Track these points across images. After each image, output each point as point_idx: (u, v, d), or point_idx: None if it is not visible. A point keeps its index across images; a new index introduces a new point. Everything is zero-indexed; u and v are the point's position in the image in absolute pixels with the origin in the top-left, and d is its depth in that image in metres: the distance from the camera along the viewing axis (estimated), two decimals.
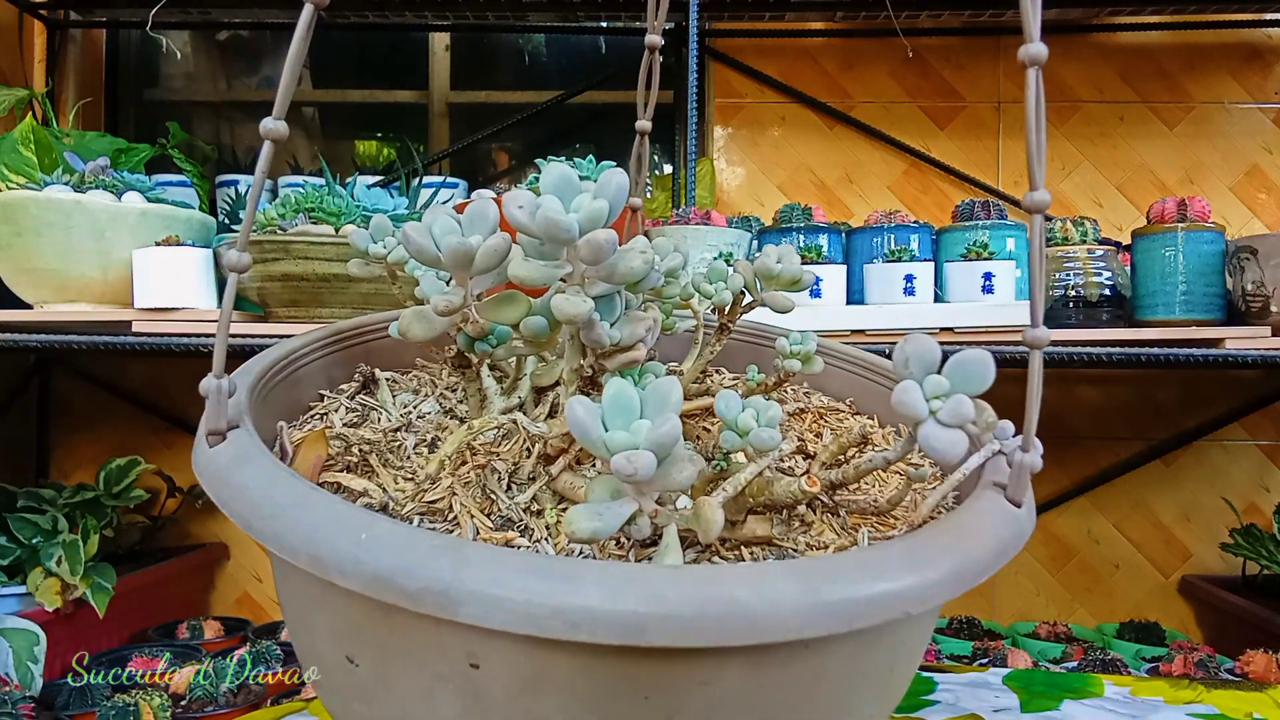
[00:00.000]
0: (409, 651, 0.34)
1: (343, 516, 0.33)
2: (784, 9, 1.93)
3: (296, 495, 0.34)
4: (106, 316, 1.39)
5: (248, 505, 0.35)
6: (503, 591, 0.30)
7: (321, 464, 0.44)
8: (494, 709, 0.33)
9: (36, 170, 1.49)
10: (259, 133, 0.37)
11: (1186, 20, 1.99)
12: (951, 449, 0.35)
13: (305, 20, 0.37)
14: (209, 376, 0.39)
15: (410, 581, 0.31)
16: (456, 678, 0.33)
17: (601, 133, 2.25)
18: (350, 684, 0.37)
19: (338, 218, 1.32)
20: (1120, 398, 1.99)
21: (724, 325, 0.57)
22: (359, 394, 0.53)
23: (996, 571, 0.36)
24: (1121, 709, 0.75)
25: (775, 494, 0.40)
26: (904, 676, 0.41)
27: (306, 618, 0.39)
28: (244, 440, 0.38)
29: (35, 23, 2.01)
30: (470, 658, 0.33)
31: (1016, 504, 0.38)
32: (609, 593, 0.30)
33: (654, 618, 0.29)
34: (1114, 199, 2.03)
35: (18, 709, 1.21)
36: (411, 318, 0.45)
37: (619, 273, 0.41)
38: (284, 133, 0.38)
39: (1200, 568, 1.98)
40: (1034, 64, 0.34)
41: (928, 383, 0.37)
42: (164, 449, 2.02)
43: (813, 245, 1.50)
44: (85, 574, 1.48)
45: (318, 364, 0.53)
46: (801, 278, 0.53)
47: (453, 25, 2.13)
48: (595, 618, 0.29)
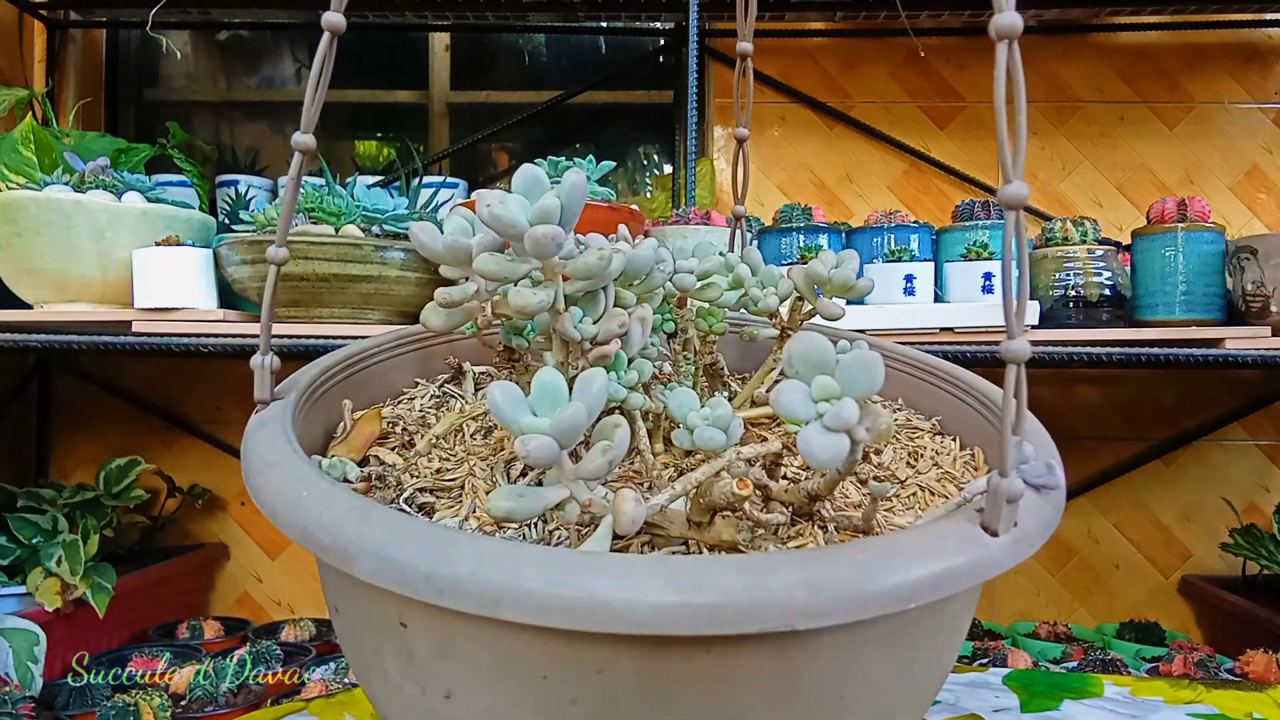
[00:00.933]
0: (359, 603, 0.38)
1: (297, 476, 0.38)
2: (784, 9, 1.93)
3: (276, 455, 0.40)
4: (106, 316, 1.39)
5: (247, 460, 0.41)
6: (390, 553, 0.32)
7: (374, 439, 0.49)
8: (421, 668, 0.36)
9: (36, 170, 1.49)
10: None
11: (1186, 20, 1.99)
12: (828, 454, 0.34)
13: (325, 46, 0.42)
14: (256, 355, 0.46)
15: (324, 536, 0.34)
16: (393, 635, 0.36)
17: (601, 133, 2.25)
18: (340, 630, 0.42)
19: (338, 218, 1.32)
20: (1120, 398, 1.99)
21: (785, 331, 0.56)
22: (447, 384, 0.58)
23: (963, 589, 0.32)
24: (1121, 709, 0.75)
25: (713, 495, 0.39)
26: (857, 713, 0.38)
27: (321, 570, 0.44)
28: (275, 409, 0.44)
29: (35, 23, 2.01)
30: (400, 617, 0.35)
31: (993, 532, 0.35)
32: (473, 564, 0.31)
33: (510, 591, 0.30)
34: (1114, 199, 2.03)
35: (18, 709, 1.21)
36: (430, 311, 0.48)
37: (578, 269, 0.43)
38: (312, 145, 0.44)
39: (1200, 568, 1.98)
40: (1005, 38, 0.30)
41: (815, 384, 0.35)
42: (164, 449, 2.02)
43: (812, 245, 1.50)
44: (85, 574, 1.48)
45: (387, 364, 0.58)
46: (856, 285, 0.51)
47: (453, 25, 2.13)
48: (458, 586, 0.30)
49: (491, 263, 0.43)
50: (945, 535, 0.34)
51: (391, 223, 1.37)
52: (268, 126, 2.26)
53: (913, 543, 0.33)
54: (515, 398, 0.36)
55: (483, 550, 0.31)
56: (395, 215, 1.37)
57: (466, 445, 0.49)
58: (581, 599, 0.30)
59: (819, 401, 0.35)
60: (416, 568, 0.31)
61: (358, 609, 0.38)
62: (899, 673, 0.37)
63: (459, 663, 0.34)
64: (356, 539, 0.33)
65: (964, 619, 0.41)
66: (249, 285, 1.34)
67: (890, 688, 0.37)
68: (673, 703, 0.33)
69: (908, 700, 0.39)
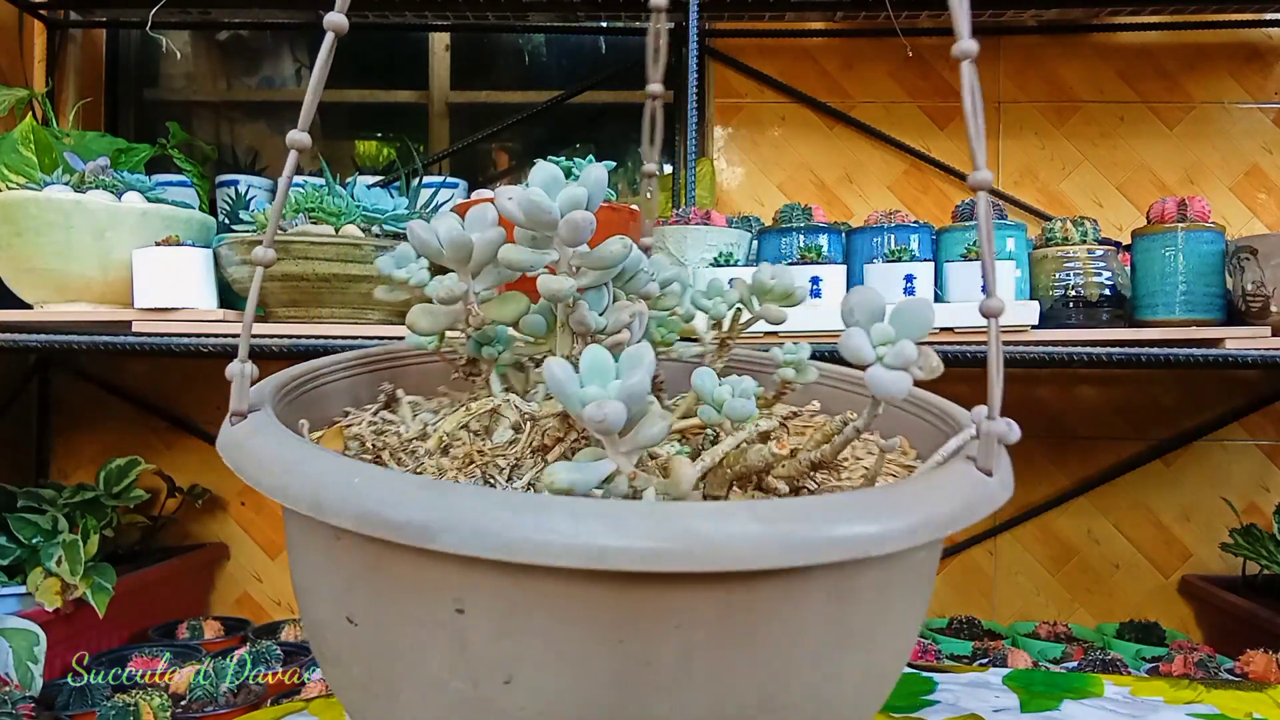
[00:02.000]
0: (399, 600, 0.36)
1: (341, 466, 0.36)
2: (784, 9, 1.93)
3: (302, 453, 0.38)
4: (106, 316, 1.39)
5: (257, 465, 0.39)
6: (485, 522, 0.32)
7: None
8: (476, 656, 0.35)
9: (36, 170, 1.49)
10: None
11: (1186, 20, 1.99)
12: (896, 387, 0.38)
13: (327, 47, 0.43)
14: (234, 361, 0.44)
15: (397, 514, 0.33)
16: (445, 626, 0.35)
17: (601, 133, 2.25)
18: (350, 647, 0.39)
19: (338, 218, 1.32)
20: (1120, 398, 1.99)
21: (724, 341, 0.58)
22: (381, 411, 0.55)
23: (968, 526, 0.37)
24: (1121, 709, 0.75)
25: (749, 460, 0.42)
26: (890, 652, 0.41)
27: (313, 584, 0.42)
28: (261, 418, 0.43)
29: (35, 23, 2.01)
30: (456, 603, 0.34)
31: (987, 472, 0.39)
32: (572, 522, 0.31)
33: (615, 544, 0.31)
34: (1114, 199, 2.03)
35: (18, 709, 1.21)
36: (418, 312, 0.49)
37: (602, 257, 0.45)
38: (307, 143, 0.44)
39: (1200, 568, 1.98)
40: (965, 58, 0.38)
41: (874, 330, 0.39)
42: (164, 449, 2.02)
43: (813, 245, 1.50)
44: (85, 574, 1.48)
45: (344, 383, 0.56)
46: (794, 292, 0.56)
47: (453, 25, 2.13)
48: (564, 544, 0.31)
49: (519, 252, 0.45)
50: (953, 477, 0.39)
51: (391, 223, 1.37)
52: (268, 126, 2.26)
53: (928, 485, 0.37)
54: (572, 372, 0.37)
55: (579, 509, 0.32)
56: (395, 215, 1.37)
57: (422, 462, 0.48)
58: (684, 539, 0.31)
59: (877, 346, 0.39)
60: (517, 532, 0.31)
61: (396, 608, 0.36)
62: (916, 614, 0.42)
63: (526, 640, 0.34)
64: (441, 512, 0.32)
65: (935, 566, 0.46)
66: (249, 285, 1.34)
67: (908, 629, 0.42)
68: (747, 644, 0.35)
69: (907, 645, 0.43)
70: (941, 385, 0.44)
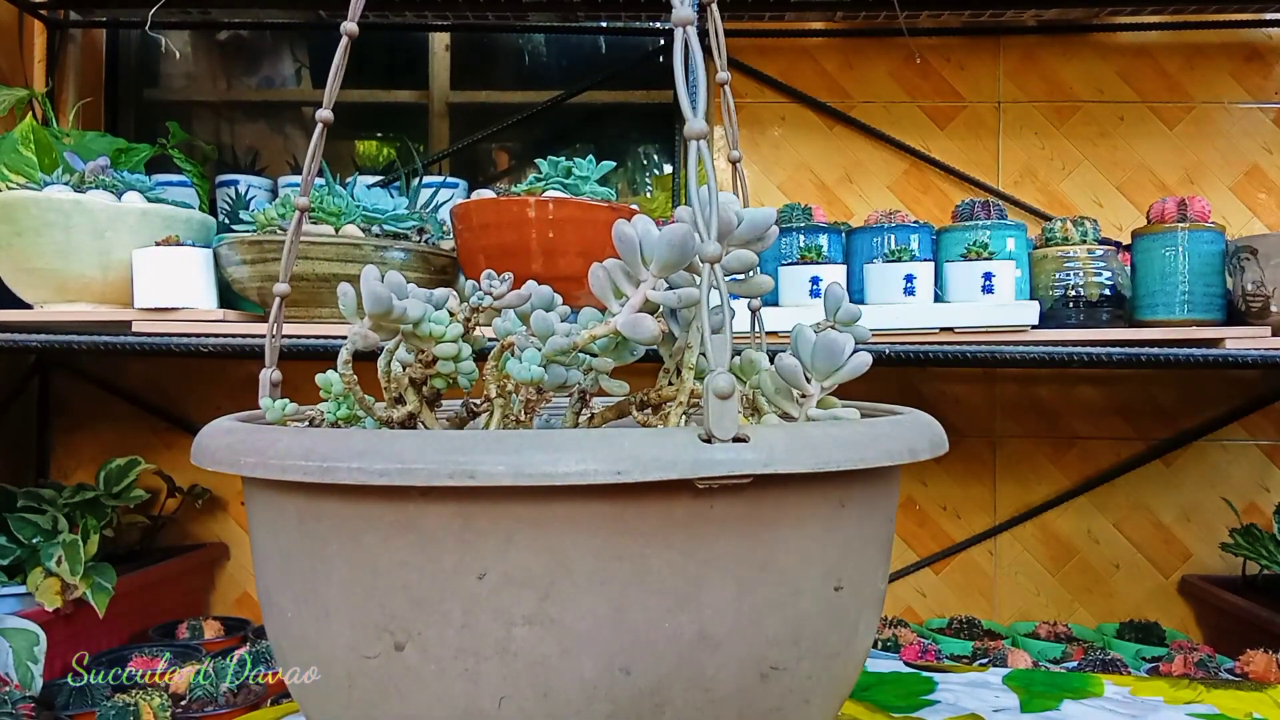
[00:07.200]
0: (443, 559, 0.39)
1: (369, 436, 0.40)
2: (784, 9, 1.93)
3: (310, 439, 0.42)
4: (106, 316, 1.39)
5: (286, 452, 0.42)
6: (526, 455, 0.37)
7: None
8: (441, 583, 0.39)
9: (36, 170, 1.49)
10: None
11: (1186, 20, 1.99)
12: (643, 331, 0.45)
13: (342, 49, 0.49)
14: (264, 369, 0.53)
15: (460, 460, 0.37)
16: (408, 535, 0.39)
17: (601, 133, 2.25)
18: (298, 622, 0.43)
19: (338, 218, 1.32)
20: (1120, 398, 1.99)
21: None
22: None
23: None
24: (1121, 709, 0.75)
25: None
26: (851, 598, 0.44)
27: (269, 563, 0.46)
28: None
29: (35, 23, 2.01)
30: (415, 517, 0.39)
31: (707, 439, 0.43)
32: (580, 455, 0.36)
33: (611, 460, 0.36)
34: (1114, 199, 2.03)
35: (18, 709, 1.21)
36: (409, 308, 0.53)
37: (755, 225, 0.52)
38: (330, 119, 0.52)
39: (1200, 568, 1.98)
40: (681, 25, 0.42)
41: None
42: (164, 449, 2.02)
43: (813, 245, 1.50)
44: (85, 574, 1.48)
45: None
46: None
47: (453, 25, 2.13)
48: (566, 471, 0.36)
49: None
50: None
51: (391, 223, 1.37)
52: (268, 126, 2.26)
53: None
54: None
55: (585, 440, 0.37)
56: (395, 215, 1.37)
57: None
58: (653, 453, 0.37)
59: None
60: (528, 462, 0.36)
61: (430, 560, 0.39)
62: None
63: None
64: (510, 452, 0.36)
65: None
66: (249, 285, 1.34)
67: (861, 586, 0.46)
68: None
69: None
70: (942, 385, 0.44)
